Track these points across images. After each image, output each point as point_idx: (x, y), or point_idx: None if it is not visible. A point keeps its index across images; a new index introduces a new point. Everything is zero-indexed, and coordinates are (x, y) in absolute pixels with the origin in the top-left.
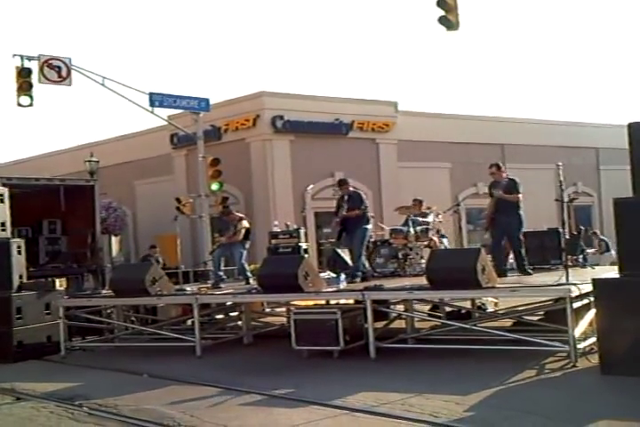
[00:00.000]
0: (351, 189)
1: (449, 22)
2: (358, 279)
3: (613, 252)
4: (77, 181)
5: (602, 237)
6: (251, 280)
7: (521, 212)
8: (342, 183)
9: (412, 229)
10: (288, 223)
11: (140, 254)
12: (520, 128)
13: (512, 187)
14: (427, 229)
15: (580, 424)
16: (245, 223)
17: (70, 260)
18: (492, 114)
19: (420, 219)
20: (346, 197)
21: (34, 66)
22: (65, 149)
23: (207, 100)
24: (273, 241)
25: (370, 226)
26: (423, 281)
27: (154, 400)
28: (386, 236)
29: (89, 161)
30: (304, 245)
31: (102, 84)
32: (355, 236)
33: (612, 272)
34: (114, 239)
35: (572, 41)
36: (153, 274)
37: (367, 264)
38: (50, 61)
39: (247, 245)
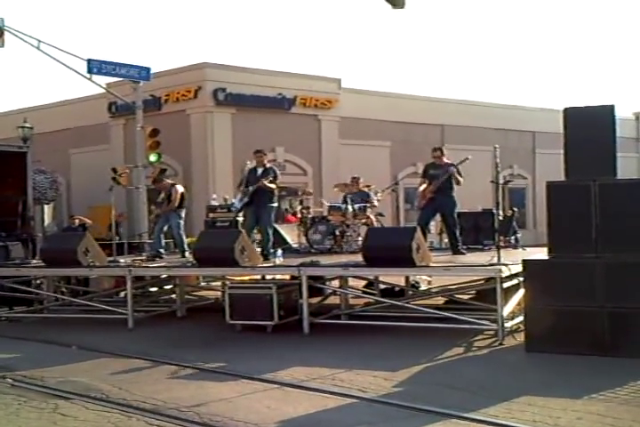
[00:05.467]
0: (267, 163)
1: (395, 0)
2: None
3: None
4: (9, 148)
5: None
6: (187, 253)
7: (454, 193)
8: (259, 153)
9: (349, 207)
10: (226, 197)
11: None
12: (460, 110)
13: (458, 174)
14: (364, 207)
15: (502, 399)
16: (179, 188)
17: None
18: (433, 94)
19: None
20: (259, 171)
21: None
22: None
23: (148, 69)
24: (210, 215)
25: (276, 204)
26: (359, 258)
27: (82, 373)
28: (324, 213)
29: (22, 127)
30: (241, 220)
31: (37, 48)
32: (263, 213)
33: (541, 254)
34: (46, 208)
35: (513, 25)
36: (86, 244)
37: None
38: None
39: (183, 214)
